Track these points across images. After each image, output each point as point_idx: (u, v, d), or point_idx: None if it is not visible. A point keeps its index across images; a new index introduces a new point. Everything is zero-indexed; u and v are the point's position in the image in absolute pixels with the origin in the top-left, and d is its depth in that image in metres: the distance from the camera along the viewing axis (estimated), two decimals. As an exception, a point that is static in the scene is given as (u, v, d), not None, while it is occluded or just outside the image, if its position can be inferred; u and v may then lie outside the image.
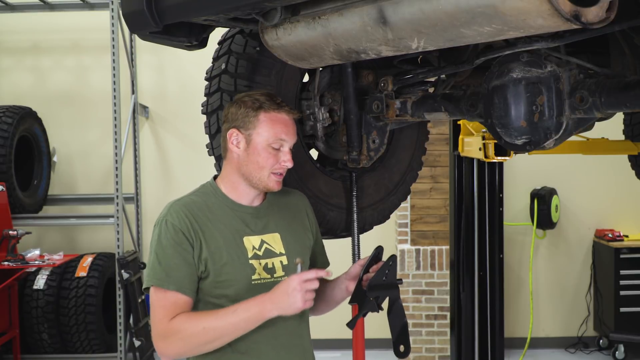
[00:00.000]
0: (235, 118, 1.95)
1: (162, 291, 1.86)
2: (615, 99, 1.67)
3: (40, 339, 5.41)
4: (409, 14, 1.45)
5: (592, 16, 1.26)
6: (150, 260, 1.91)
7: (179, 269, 1.86)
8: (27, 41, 6.29)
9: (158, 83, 6.24)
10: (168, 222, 1.89)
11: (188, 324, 1.83)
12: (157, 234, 1.90)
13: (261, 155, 1.93)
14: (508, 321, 5.63)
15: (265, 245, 1.98)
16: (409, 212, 5.59)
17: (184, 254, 1.87)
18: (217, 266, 1.89)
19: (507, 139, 1.89)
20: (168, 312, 1.84)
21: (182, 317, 1.85)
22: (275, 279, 1.97)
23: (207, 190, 2.01)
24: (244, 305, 1.83)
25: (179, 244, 1.87)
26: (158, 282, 1.86)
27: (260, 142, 1.93)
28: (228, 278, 1.90)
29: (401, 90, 2.28)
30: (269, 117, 1.92)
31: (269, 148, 1.93)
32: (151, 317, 1.90)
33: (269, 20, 1.74)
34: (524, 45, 1.77)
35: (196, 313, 1.87)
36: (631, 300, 5.54)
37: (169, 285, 1.85)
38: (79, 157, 6.26)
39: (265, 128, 1.92)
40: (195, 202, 1.95)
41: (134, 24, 1.89)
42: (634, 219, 5.98)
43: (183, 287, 1.86)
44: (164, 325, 1.84)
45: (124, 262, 5.29)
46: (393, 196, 2.61)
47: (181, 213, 1.90)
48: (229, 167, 2.00)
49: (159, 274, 1.86)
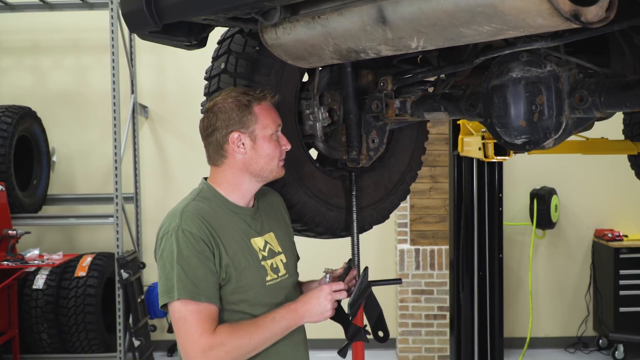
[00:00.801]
0: (228, 123, 1.91)
1: (194, 304, 1.78)
2: (615, 98, 1.67)
3: (40, 338, 5.41)
4: (408, 14, 1.45)
5: (591, 15, 1.26)
6: (172, 272, 1.79)
7: (206, 279, 1.81)
8: (27, 41, 6.29)
9: (158, 83, 6.24)
10: (186, 232, 1.81)
11: (234, 336, 1.79)
12: (174, 244, 1.81)
13: (270, 147, 1.95)
14: (507, 321, 5.63)
15: (269, 246, 1.99)
16: (409, 212, 5.59)
17: (207, 263, 1.81)
18: (237, 271, 1.86)
19: (507, 138, 1.89)
20: (207, 325, 1.78)
21: (225, 329, 1.80)
22: (281, 278, 1.98)
23: (206, 195, 1.96)
24: (280, 314, 1.85)
25: (201, 252, 1.81)
26: (190, 295, 1.77)
27: (264, 134, 1.94)
28: (247, 282, 1.88)
29: (401, 90, 2.28)
30: (262, 109, 1.95)
31: (273, 137, 1.96)
32: (184, 333, 1.78)
33: (268, 19, 1.74)
34: (524, 44, 1.77)
35: (237, 325, 1.83)
36: (631, 300, 5.54)
37: (201, 297, 1.79)
38: (79, 157, 6.26)
39: (263, 120, 1.94)
40: (203, 208, 1.89)
41: (133, 24, 1.88)
42: (633, 219, 5.98)
43: (213, 297, 1.81)
44: (207, 339, 1.77)
45: (123, 262, 5.29)
46: (392, 196, 2.61)
47: (197, 220, 1.84)
48: (229, 172, 1.95)
49: (188, 286, 1.78)
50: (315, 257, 3.52)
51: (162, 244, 1.84)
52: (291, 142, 2.22)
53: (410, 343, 5.57)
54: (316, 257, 3.48)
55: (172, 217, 1.86)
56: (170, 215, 1.88)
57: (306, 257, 2.79)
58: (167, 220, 1.87)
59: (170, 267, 1.80)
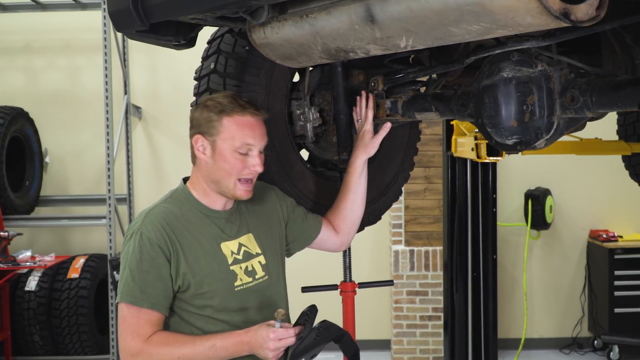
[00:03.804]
0: (199, 124, 1.89)
1: (135, 308, 1.78)
2: (607, 98, 1.65)
3: (32, 340, 5.37)
4: (396, 12, 1.43)
5: (581, 14, 1.24)
6: (123, 274, 1.82)
7: (154, 286, 1.79)
8: (19, 41, 6.25)
9: (151, 83, 6.21)
10: (143, 235, 1.81)
11: (163, 350, 1.77)
12: (130, 246, 1.82)
13: (228, 162, 1.86)
14: (502, 322, 5.62)
15: (244, 248, 1.95)
16: (403, 213, 5.57)
17: (159, 268, 1.80)
18: (197, 278, 1.83)
19: (498, 139, 1.88)
20: (142, 330, 1.78)
21: (158, 338, 1.78)
22: (257, 280, 1.95)
23: (179, 197, 1.94)
24: (221, 342, 1.78)
25: (154, 258, 1.80)
26: (132, 300, 1.78)
27: (225, 148, 1.86)
28: (211, 289, 1.85)
29: (392, 90, 2.26)
30: (233, 122, 1.86)
31: (236, 154, 1.86)
32: (120, 333, 1.81)
33: (256, 18, 1.72)
34: (515, 44, 1.75)
35: (172, 337, 1.80)
36: (625, 300, 5.52)
37: (143, 302, 1.78)
38: (71, 158, 6.22)
39: (229, 133, 1.85)
40: (170, 211, 1.88)
41: (120, 23, 1.87)
42: (628, 220, 5.97)
43: (157, 304, 1.80)
44: (137, 344, 1.77)
45: (116, 264, 5.25)
46: (384, 197, 2.59)
47: (157, 225, 1.83)
48: (198, 174, 1.94)
49: (133, 290, 1.78)
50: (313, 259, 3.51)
51: (125, 245, 1.86)
52: (282, 143, 2.21)
53: (404, 344, 5.55)
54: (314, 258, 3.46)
55: (138, 218, 1.87)
56: (138, 216, 1.89)
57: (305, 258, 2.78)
58: (134, 221, 1.88)
59: (123, 269, 1.82)
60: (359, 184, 2.20)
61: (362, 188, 2.22)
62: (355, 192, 2.20)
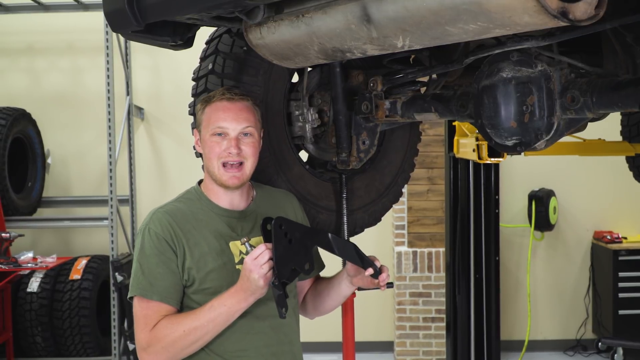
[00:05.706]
0: (195, 119, 1.98)
1: (145, 301, 1.83)
2: (607, 98, 1.63)
3: (34, 342, 5.37)
4: (392, 12, 1.42)
5: (580, 13, 1.22)
6: (133, 269, 1.88)
7: (164, 279, 1.83)
8: (22, 42, 6.26)
9: (153, 84, 6.20)
10: (151, 231, 1.87)
11: (169, 330, 1.80)
12: (139, 242, 1.88)
13: (207, 146, 1.92)
14: (506, 324, 5.60)
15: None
16: (406, 214, 5.55)
17: (167, 262, 1.84)
18: (201, 274, 1.86)
19: (498, 139, 1.86)
20: (151, 322, 1.82)
21: (162, 323, 1.82)
22: None
23: (191, 196, 1.99)
24: (219, 300, 1.80)
25: (162, 252, 1.85)
26: (141, 292, 1.83)
27: (205, 134, 1.93)
28: (213, 285, 1.87)
29: (391, 91, 2.24)
30: (210, 108, 1.92)
31: (213, 137, 1.91)
32: (135, 328, 1.86)
33: (252, 18, 1.70)
34: (514, 44, 1.74)
35: (174, 316, 1.84)
36: (630, 302, 5.49)
37: (153, 295, 1.83)
38: (74, 159, 6.22)
39: (207, 120, 1.92)
40: (179, 209, 1.93)
41: (115, 23, 1.86)
42: (632, 221, 5.93)
43: (167, 297, 1.83)
44: (146, 335, 1.81)
45: (118, 265, 5.25)
46: (384, 198, 2.57)
47: (164, 221, 1.88)
48: (205, 171, 2.00)
49: (142, 283, 1.84)
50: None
51: (136, 242, 1.93)
52: (280, 144, 2.19)
53: (407, 346, 5.52)
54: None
55: (148, 216, 1.93)
56: (147, 215, 1.94)
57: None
58: (144, 219, 1.94)
59: (134, 264, 1.88)
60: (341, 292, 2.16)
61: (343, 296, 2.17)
62: (341, 296, 2.15)
